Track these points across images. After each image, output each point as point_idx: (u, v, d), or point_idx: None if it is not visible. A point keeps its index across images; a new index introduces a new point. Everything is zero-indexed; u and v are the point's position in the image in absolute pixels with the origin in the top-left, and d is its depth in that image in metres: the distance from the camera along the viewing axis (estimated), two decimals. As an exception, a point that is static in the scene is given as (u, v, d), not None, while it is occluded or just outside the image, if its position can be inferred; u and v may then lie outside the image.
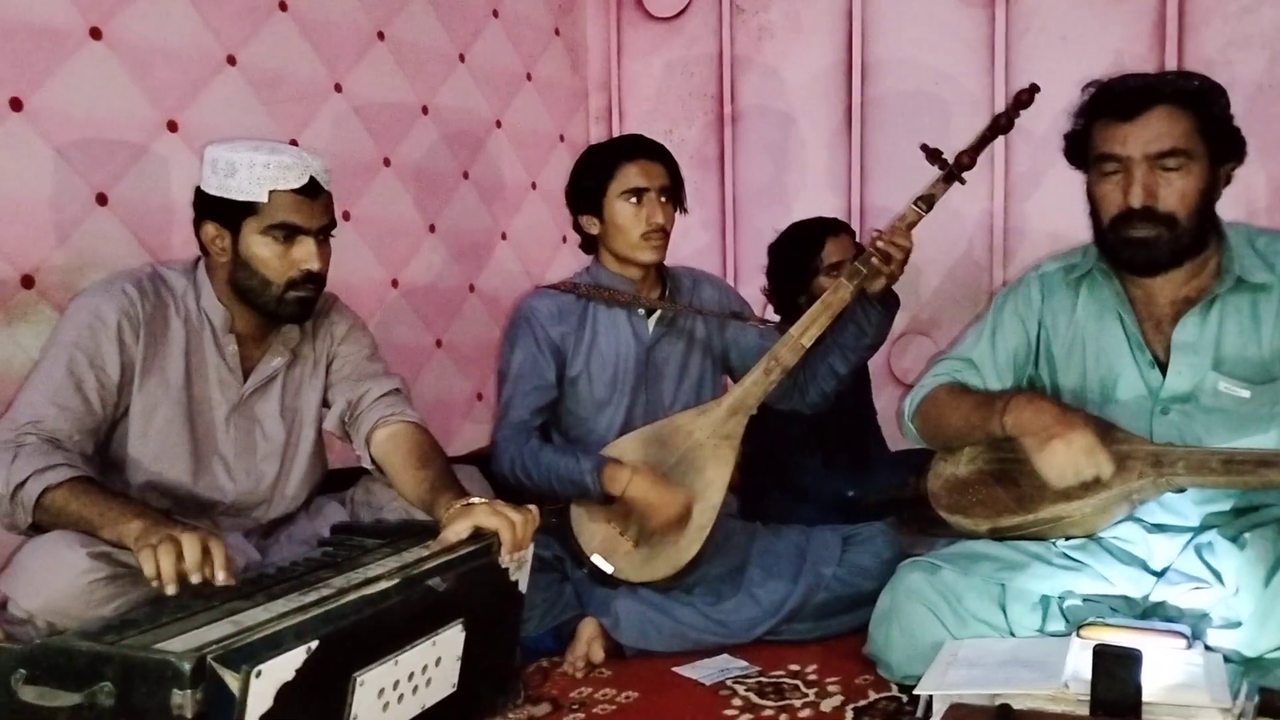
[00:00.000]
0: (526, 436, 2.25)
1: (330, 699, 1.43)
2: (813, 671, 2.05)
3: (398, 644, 1.53)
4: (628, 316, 2.36)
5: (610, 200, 2.29)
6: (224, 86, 2.49)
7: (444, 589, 1.62)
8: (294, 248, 1.85)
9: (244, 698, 1.27)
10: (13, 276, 2.12)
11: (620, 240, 2.30)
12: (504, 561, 1.75)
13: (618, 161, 2.30)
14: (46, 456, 1.68)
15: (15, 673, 1.31)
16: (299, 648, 1.35)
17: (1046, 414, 1.81)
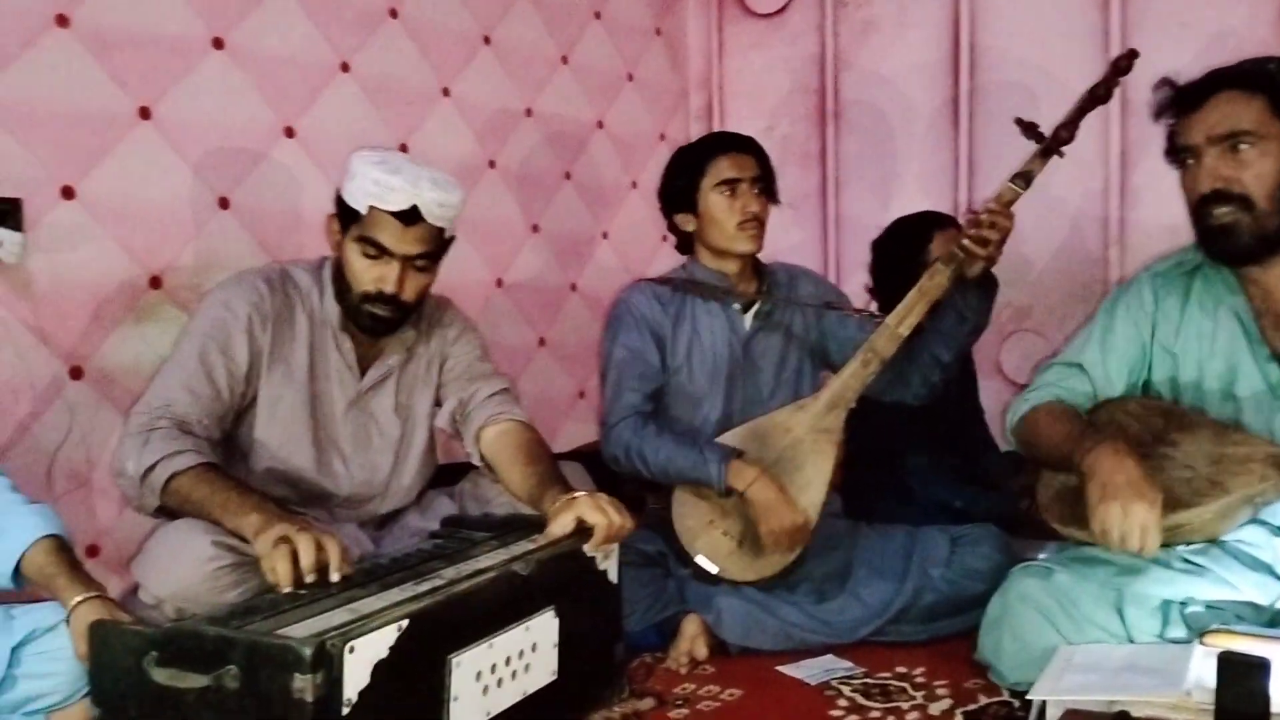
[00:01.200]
0: (642, 422, 2.26)
1: (428, 679, 1.46)
2: (920, 674, 2.02)
3: (489, 628, 1.56)
4: (724, 310, 2.35)
5: (704, 194, 2.30)
6: (338, 93, 2.57)
7: (527, 574, 1.64)
8: (378, 265, 1.90)
9: (340, 672, 1.31)
10: (142, 278, 2.22)
11: (717, 233, 2.31)
12: (589, 549, 1.77)
13: (710, 156, 2.31)
14: (176, 442, 1.75)
15: (148, 655, 1.38)
16: (390, 626, 1.39)
17: (1121, 473, 1.73)
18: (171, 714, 1.36)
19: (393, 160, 1.92)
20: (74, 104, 2.10)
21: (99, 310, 2.15)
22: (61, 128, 2.09)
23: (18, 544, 1.65)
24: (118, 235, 2.17)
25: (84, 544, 2.10)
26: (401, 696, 1.41)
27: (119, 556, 2.14)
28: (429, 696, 1.47)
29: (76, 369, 2.13)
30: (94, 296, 2.15)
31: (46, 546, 1.66)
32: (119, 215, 2.17)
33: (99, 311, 2.15)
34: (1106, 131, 2.96)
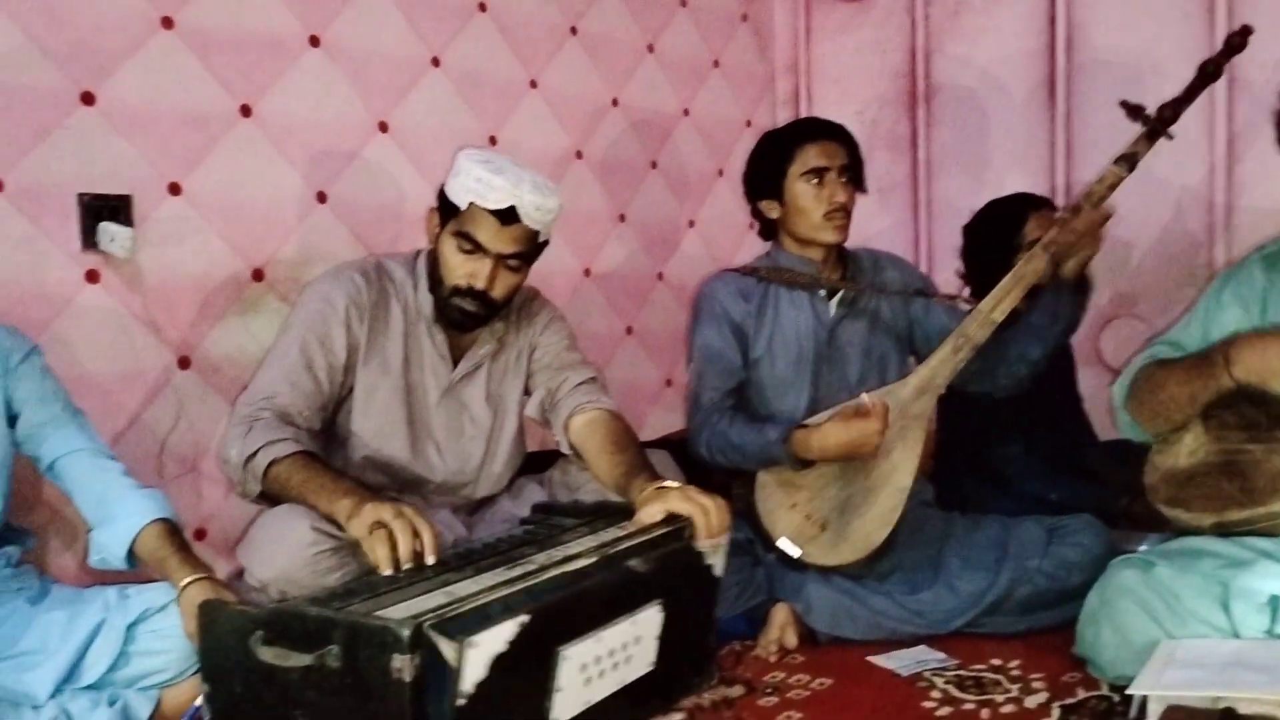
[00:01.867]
0: (720, 414, 2.26)
1: (537, 671, 1.49)
2: (1016, 666, 1.98)
3: (599, 621, 1.58)
4: (809, 298, 2.33)
5: (791, 182, 2.28)
6: (430, 87, 2.62)
7: (644, 570, 1.66)
8: (472, 261, 1.93)
9: (460, 667, 1.34)
10: (245, 271, 2.30)
11: (802, 222, 2.29)
12: (701, 546, 1.78)
13: (797, 143, 2.28)
14: (277, 431, 1.81)
15: (253, 634, 1.43)
16: (511, 621, 1.41)
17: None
18: (277, 691, 1.41)
19: (497, 161, 1.95)
20: (179, 103, 2.18)
21: (205, 302, 2.24)
22: (168, 126, 2.17)
23: (131, 527, 1.73)
24: (222, 230, 2.25)
25: (192, 528, 2.19)
26: (511, 688, 1.44)
27: (225, 540, 2.23)
28: (535, 687, 1.49)
29: (184, 359, 2.21)
30: (200, 289, 2.23)
31: (157, 530, 1.74)
32: (223, 210, 2.25)
33: (205, 303, 2.24)
34: (1212, 112, 2.85)
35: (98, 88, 2.07)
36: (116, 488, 1.77)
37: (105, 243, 2.06)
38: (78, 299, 2.07)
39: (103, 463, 1.80)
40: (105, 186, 2.08)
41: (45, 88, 2.01)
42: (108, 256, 2.08)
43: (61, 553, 2.06)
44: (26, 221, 2.00)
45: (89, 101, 2.06)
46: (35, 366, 1.81)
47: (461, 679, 1.35)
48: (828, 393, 2.31)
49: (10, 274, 1.99)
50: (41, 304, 2.02)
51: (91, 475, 1.78)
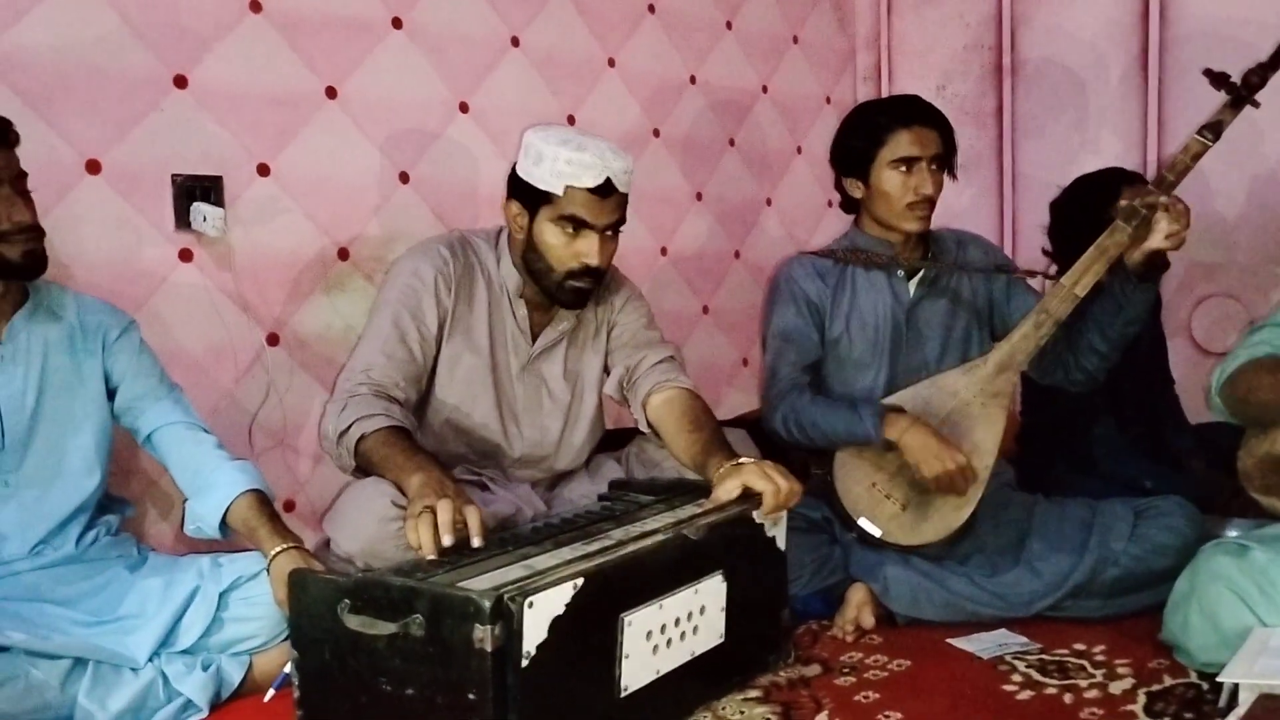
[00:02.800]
0: (799, 392, 2.25)
1: (602, 636, 1.51)
2: (1100, 652, 1.94)
3: (660, 589, 1.60)
4: (887, 278, 2.29)
5: (879, 167, 2.22)
6: (509, 67, 2.64)
7: (698, 539, 1.66)
8: (579, 240, 1.95)
9: (519, 626, 1.36)
10: (331, 250, 2.35)
11: (885, 208, 2.24)
12: (759, 517, 1.78)
13: (892, 126, 2.21)
14: (369, 406, 1.85)
15: (341, 603, 1.47)
16: (566, 583, 1.44)
17: None
18: (363, 658, 1.45)
19: (573, 136, 1.96)
20: (267, 85, 2.24)
21: (293, 280, 2.29)
22: (257, 108, 2.22)
23: (224, 497, 1.79)
24: (308, 209, 2.31)
25: (281, 499, 2.25)
26: (577, 652, 1.46)
27: (313, 511, 2.29)
28: (603, 654, 1.52)
29: (273, 336, 2.27)
30: (289, 267, 2.29)
31: (249, 501, 1.80)
32: (309, 190, 2.30)
33: (293, 282, 2.29)
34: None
35: (190, 71, 2.13)
36: (211, 460, 1.83)
37: (198, 222, 2.12)
38: (172, 277, 2.14)
39: (198, 435, 1.86)
40: (197, 167, 2.14)
41: (140, 72, 2.07)
42: (200, 236, 2.15)
43: (158, 522, 2.14)
44: (123, 202, 2.07)
45: (181, 85, 2.13)
46: (133, 341, 1.88)
47: (523, 639, 1.37)
48: (905, 373, 2.28)
49: (108, 253, 2.06)
50: (138, 282, 2.09)
51: (187, 447, 1.84)
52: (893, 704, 1.75)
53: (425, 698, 1.42)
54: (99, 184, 2.04)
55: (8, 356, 1.75)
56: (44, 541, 1.78)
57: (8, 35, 1.92)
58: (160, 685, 1.69)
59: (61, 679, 1.62)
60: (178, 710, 1.69)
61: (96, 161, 2.04)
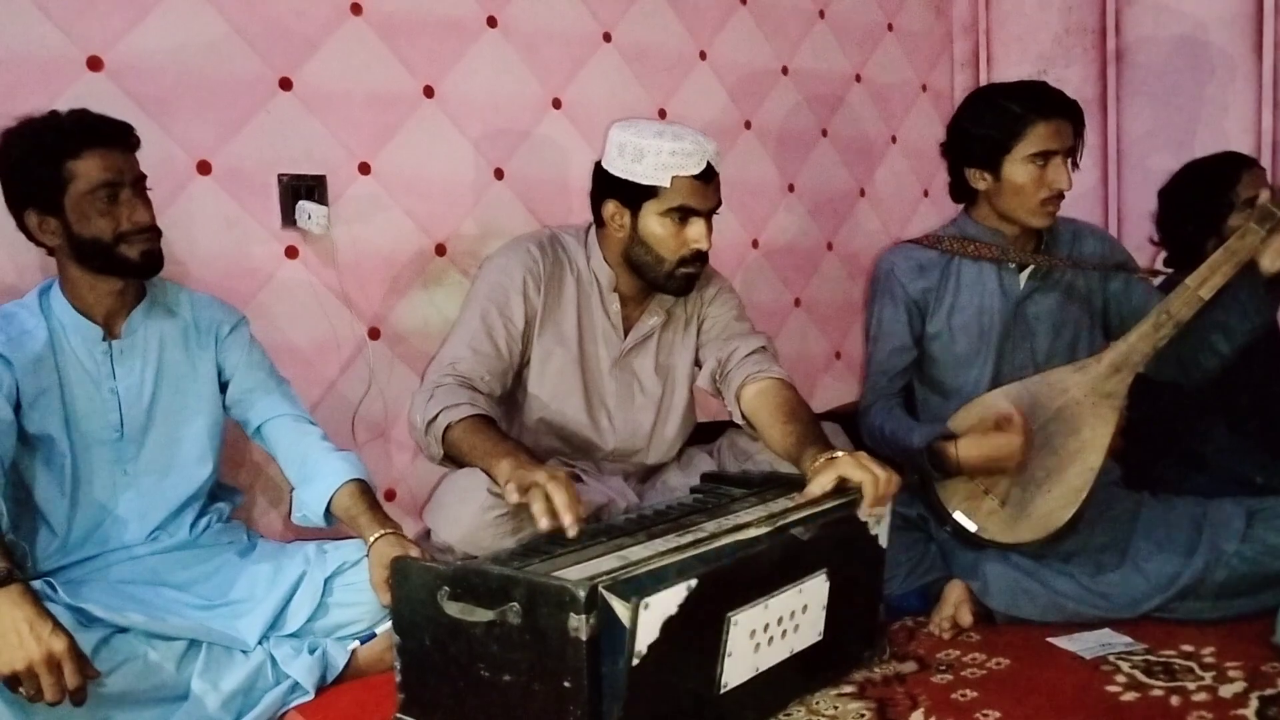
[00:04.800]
0: (884, 406, 2.22)
1: (708, 635, 1.51)
2: (1209, 654, 1.87)
3: (767, 588, 1.59)
4: (996, 271, 2.23)
5: (1014, 160, 2.12)
6: (601, 63, 2.66)
7: (807, 538, 1.65)
8: (688, 228, 1.97)
9: (634, 626, 1.37)
10: (429, 246, 2.40)
11: (1015, 203, 2.15)
12: (863, 515, 1.76)
13: (1032, 119, 2.10)
14: (456, 396, 1.89)
15: (440, 590, 1.50)
16: (681, 584, 1.44)
17: None
18: (462, 644, 1.49)
19: (664, 128, 1.97)
20: (368, 86, 2.29)
21: (393, 276, 2.35)
22: (358, 109, 2.28)
23: (328, 487, 1.85)
24: (407, 207, 2.36)
25: (382, 489, 2.32)
26: (683, 651, 1.47)
27: (413, 501, 2.35)
28: (706, 651, 1.52)
29: (374, 330, 2.34)
30: (389, 263, 2.35)
31: (352, 490, 1.85)
32: (408, 188, 2.36)
33: (393, 277, 2.35)
34: None
35: (294, 73, 2.20)
36: (316, 450, 1.89)
37: (303, 220, 2.19)
38: (278, 274, 2.21)
39: (304, 427, 1.93)
40: (302, 167, 2.21)
41: (247, 75, 2.15)
42: (305, 233, 2.22)
43: (267, 510, 2.23)
44: (232, 201, 2.15)
45: (286, 87, 2.19)
46: (243, 336, 1.95)
47: (636, 639, 1.38)
48: (1011, 369, 2.23)
49: (219, 250, 2.14)
50: (246, 278, 2.17)
51: (294, 438, 1.91)
52: (990, 703, 1.72)
53: (522, 684, 1.44)
54: (209, 184, 2.13)
55: (127, 350, 1.83)
56: (160, 527, 1.86)
57: (123, 43, 2.01)
58: (269, 667, 1.75)
59: (177, 660, 1.68)
60: (285, 692, 1.74)
61: (207, 163, 2.12)
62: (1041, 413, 2.10)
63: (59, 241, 1.75)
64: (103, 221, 1.73)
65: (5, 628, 1.43)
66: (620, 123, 2.01)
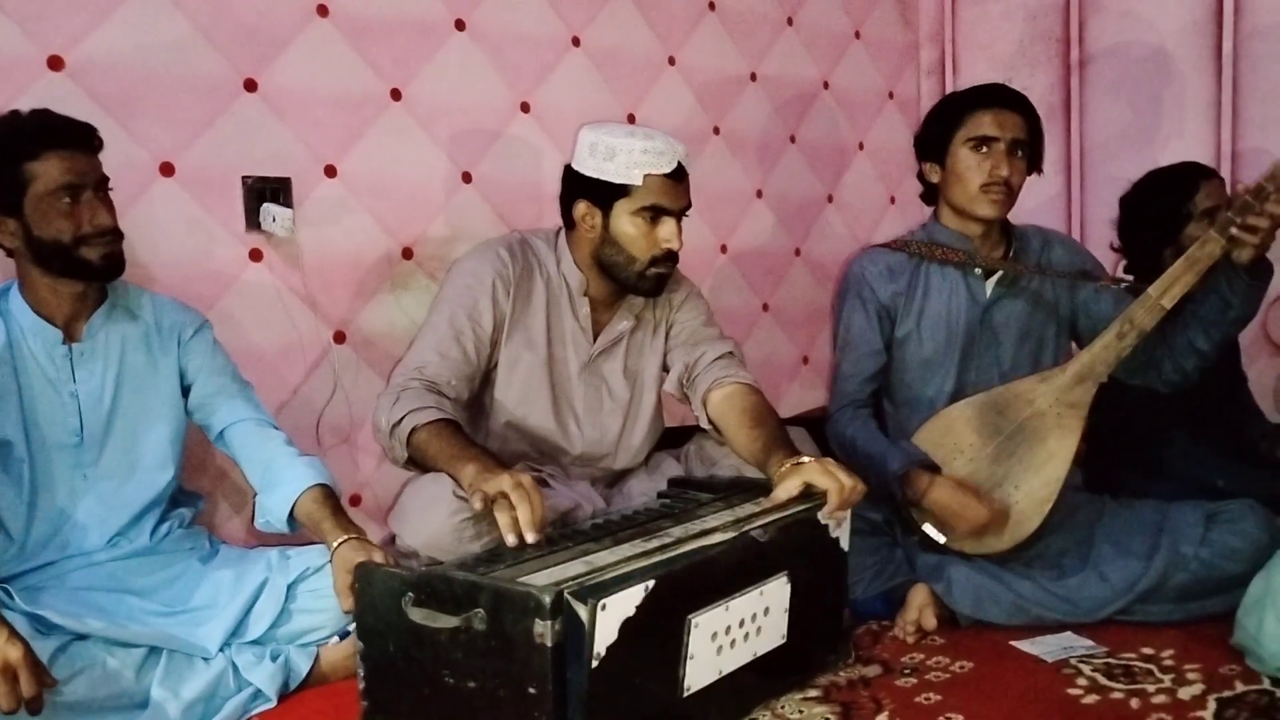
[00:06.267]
0: (852, 413, 2.23)
1: (669, 637, 1.52)
2: (1169, 656, 1.90)
3: (727, 590, 1.59)
4: (963, 276, 2.26)
5: (955, 147, 2.19)
6: (570, 67, 2.65)
7: (766, 540, 1.66)
8: (659, 228, 1.97)
9: (592, 628, 1.37)
10: (395, 249, 2.39)
11: (959, 190, 2.20)
12: (823, 518, 1.77)
13: (971, 108, 2.19)
14: (422, 399, 1.87)
15: (405, 595, 1.50)
16: (638, 585, 1.44)
17: None
18: (427, 650, 1.48)
19: (635, 128, 1.99)
20: (334, 88, 2.28)
21: (359, 279, 2.34)
22: (324, 111, 2.27)
23: (292, 492, 1.84)
24: (374, 210, 2.35)
25: (347, 495, 2.30)
26: (644, 652, 1.47)
27: (378, 506, 2.33)
28: (668, 654, 1.52)
29: (340, 334, 2.32)
30: (355, 267, 2.33)
31: (316, 495, 1.84)
32: (375, 191, 2.35)
33: (359, 280, 2.34)
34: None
35: (259, 75, 2.18)
36: (280, 456, 1.88)
37: (267, 223, 2.17)
38: (242, 276, 2.19)
39: (267, 432, 1.91)
40: (267, 169, 2.20)
41: (211, 76, 2.13)
42: (270, 236, 2.20)
43: (229, 516, 2.20)
44: (196, 204, 2.13)
45: (251, 88, 2.18)
46: (206, 340, 1.93)
47: (594, 641, 1.38)
48: (977, 375, 2.25)
49: (181, 253, 2.12)
50: (210, 281, 2.15)
51: (257, 443, 1.89)
52: (955, 706, 1.73)
53: (487, 691, 1.44)
54: (172, 186, 2.10)
55: (87, 354, 1.81)
56: (120, 533, 1.84)
57: (86, 42, 1.99)
58: (231, 675, 1.73)
59: (137, 667, 1.66)
60: (247, 700, 1.73)
61: (170, 164, 2.10)
62: (1007, 424, 2.12)
63: (18, 244, 1.73)
64: (63, 223, 1.71)
65: None
66: (590, 124, 2.02)
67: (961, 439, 2.15)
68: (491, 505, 1.65)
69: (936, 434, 2.16)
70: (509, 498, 1.63)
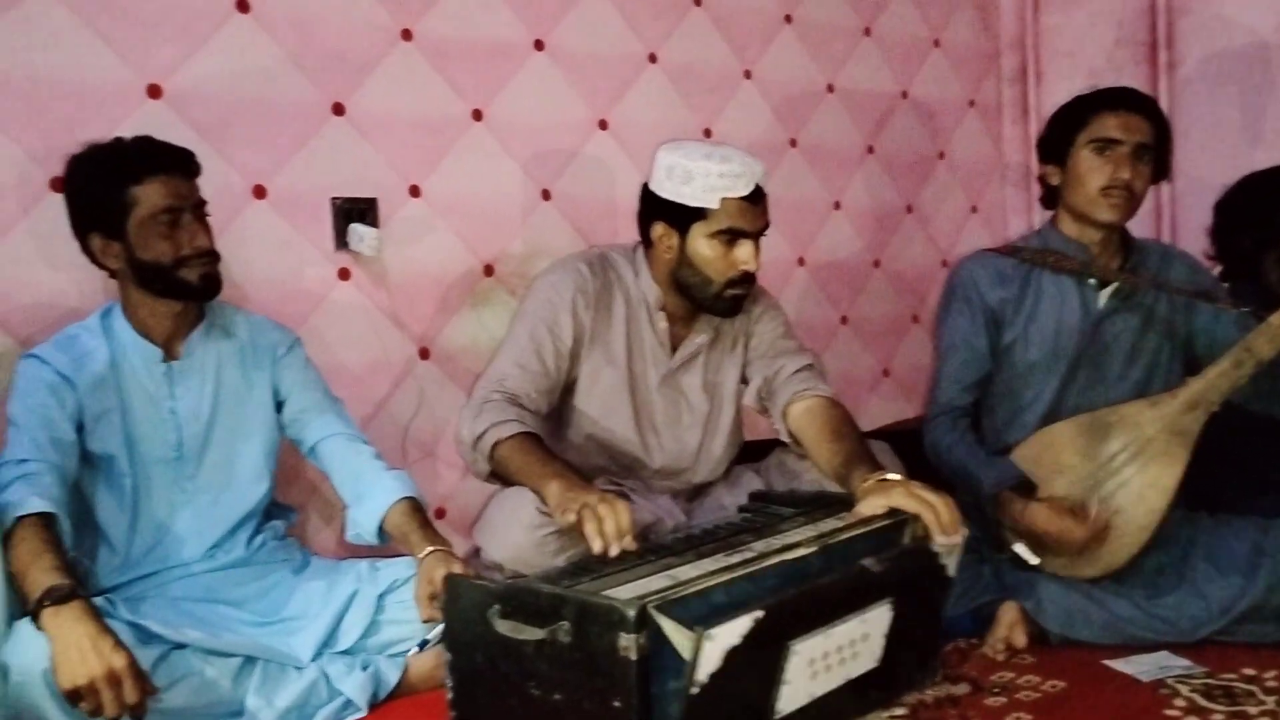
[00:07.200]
0: (951, 421, 2.18)
1: (768, 663, 1.50)
2: (1272, 678, 1.83)
3: (830, 618, 1.57)
4: (1077, 285, 2.18)
5: (1077, 149, 2.12)
6: (647, 84, 2.68)
7: (878, 570, 1.63)
8: (736, 250, 1.97)
9: (696, 657, 1.36)
10: (477, 267, 2.43)
11: (1078, 193, 2.13)
12: (937, 547, 1.74)
13: (1096, 110, 2.12)
14: (504, 413, 1.89)
15: (491, 608, 1.51)
16: (747, 615, 1.42)
17: None
18: (513, 662, 1.49)
19: (712, 149, 1.98)
20: (417, 110, 2.33)
21: (442, 297, 2.38)
22: (408, 133, 2.32)
23: (381, 505, 1.87)
24: (456, 228, 2.39)
25: (432, 507, 2.32)
26: (741, 679, 1.45)
27: (463, 519, 2.37)
28: (764, 679, 1.51)
29: (424, 350, 2.37)
30: (438, 284, 2.38)
31: (404, 507, 1.87)
32: (457, 210, 2.39)
33: (442, 298, 2.38)
34: None
35: (346, 99, 2.24)
36: (369, 469, 1.92)
37: (355, 243, 2.23)
38: (331, 295, 2.25)
39: (357, 446, 1.95)
40: (354, 190, 2.25)
41: (301, 100, 2.19)
42: (357, 256, 2.25)
43: (320, 528, 2.26)
44: (287, 225, 2.20)
45: (339, 112, 2.24)
46: (298, 357, 1.99)
47: (697, 669, 1.37)
48: (1081, 389, 2.17)
49: (274, 273, 2.18)
50: (300, 300, 2.21)
51: (347, 458, 1.94)
52: (1046, 726, 1.70)
53: (573, 703, 1.44)
54: (265, 208, 2.17)
55: (186, 371, 1.87)
56: (217, 545, 1.89)
57: (182, 71, 2.06)
58: (323, 684, 1.76)
59: (233, 676, 1.71)
60: (338, 709, 1.76)
61: (263, 187, 2.16)
62: (1110, 446, 2.06)
63: (121, 265, 1.80)
64: (164, 245, 1.77)
65: (68, 644, 1.46)
66: (667, 144, 2.02)
67: (1062, 458, 2.09)
68: (578, 518, 1.66)
69: (1036, 451, 2.11)
70: (596, 510, 1.64)
